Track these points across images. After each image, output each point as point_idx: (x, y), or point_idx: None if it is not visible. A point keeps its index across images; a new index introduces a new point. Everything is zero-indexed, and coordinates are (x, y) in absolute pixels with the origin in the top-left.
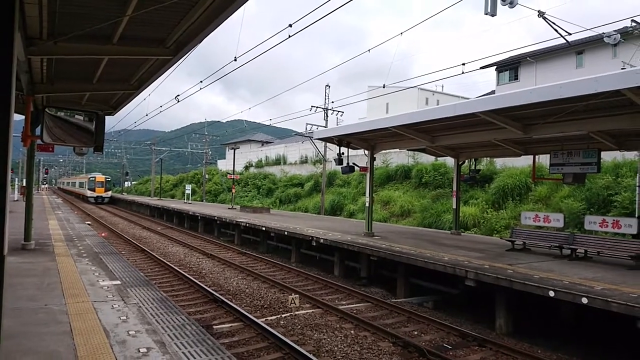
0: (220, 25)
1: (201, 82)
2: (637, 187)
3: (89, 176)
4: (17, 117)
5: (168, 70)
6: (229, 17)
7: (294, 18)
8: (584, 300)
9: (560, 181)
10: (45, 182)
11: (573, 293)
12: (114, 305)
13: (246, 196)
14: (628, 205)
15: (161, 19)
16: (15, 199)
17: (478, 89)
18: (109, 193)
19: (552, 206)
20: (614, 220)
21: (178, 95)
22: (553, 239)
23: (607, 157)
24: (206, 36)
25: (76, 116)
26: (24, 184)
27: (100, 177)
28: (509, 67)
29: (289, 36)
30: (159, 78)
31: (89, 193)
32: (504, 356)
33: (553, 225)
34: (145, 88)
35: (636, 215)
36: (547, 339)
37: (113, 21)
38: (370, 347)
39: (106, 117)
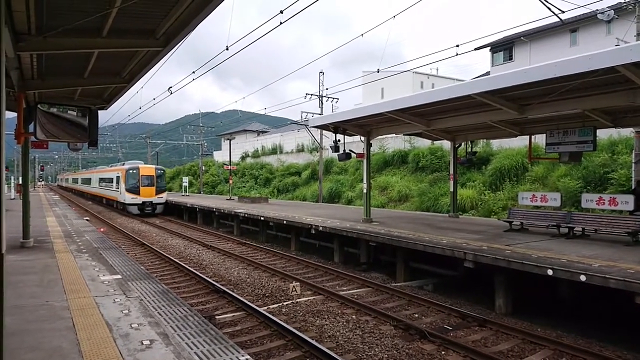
0: (210, 15)
1: (194, 72)
2: (633, 164)
3: (127, 167)
4: (10, 115)
5: (159, 62)
6: (217, 5)
7: (282, 3)
8: (583, 278)
9: (557, 160)
10: (41, 179)
11: (571, 271)
12: (115, 300)
13: (244, 187)
14: (624, 182)
15: (150, 10)
16: (12, 197)
17: (473, 70)
18: (164, 196)
19: (549, 186)
20: (610, 197)
21: (171, 87)
22: (550, 218)
23: (603, 134)
24: (196, 26)
25: (69, 111)
26: (20, 182)
27: (147, 168)
28: (503, 48)
29: (280, 23)
30: (151, 70)
31: (127, 197)
32: (504, 335)
33: (550, 205)
34: (137, 81)
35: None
36: (547, 318)
37: (101, 14)
38: (372, 331)
39: (99, 111)
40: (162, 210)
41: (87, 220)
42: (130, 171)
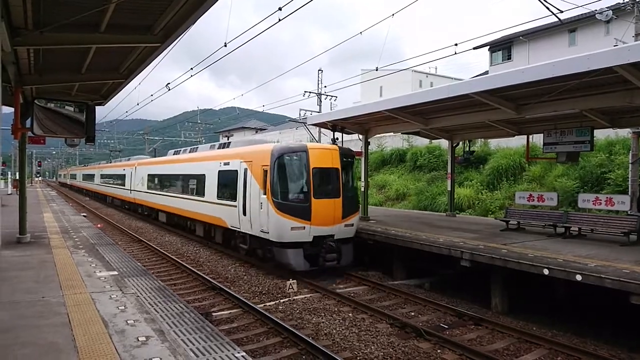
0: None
1: (192, 69)
2: (630, 165)
3: (274, 148)
4: (7, 110)
5: (157, 58)
6: (215, 2)
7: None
8: (578, 277)
9: (554, 160)
10: (39, 175)
11: (567, 270)
12: (111, 296)
13: None
14: (621, 183)
15: (148, 5)
16: (9, 192)
17: (471, 69)
18: (356, 220)
19: (546, 185)
20: (607, 197)
21: (169, 84)
22: (547, 218)
23: (600, 135)
24: (194, 22)
25: (66, 107)
26: (17, 177)
27: (323, 150)
28: (502, 47)
29: (279, 20)
30: (149, 66)
31: (277, 223)
32: (499, 334)
33: (547, 204)
34: (135, 77)
35: (629, 192)
36: (542, 317)
37: (99, 9)
38: (368, 329)
39: (97, 107)
40: (352, 259)
41: (84, 216)
42: (287, 158)
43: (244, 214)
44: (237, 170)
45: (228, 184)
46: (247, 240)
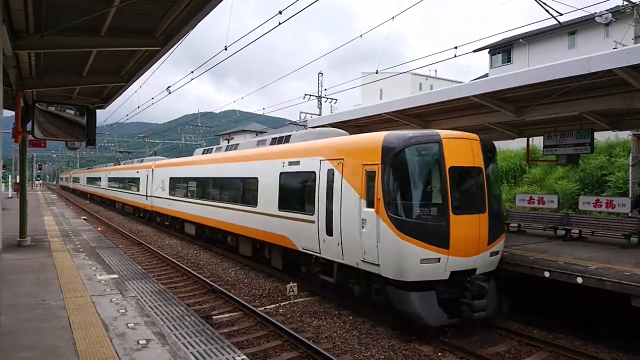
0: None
1: (192, 72)
2: (630, 167)
3: (384, 136)
4: (8, 113)
5: (158, 61)
6: (216, 5)
7: (279, 3)
8: (579, 280)
9: (555, 163)
10: (39, 178)
11: (568, 273)
12: (112, 299)
13: None
14: (622, 185)
15: (148, 9)
16: (9, 196)
17: (471, 72)
18: (501, 246)
19: (547, 188)
20: (607, 200)
21: (169, 87)
22: (547, 220)
23: (601, 137)
24: (194, 26)
25: (67, 110)
26: (18, 181)
27: (458, 138)
28: (502, 50)
29: (279, 23)
30: (150, 69)
31: (398, 252)
32: (500, 337)
33: (547, 207)
34: (136, 80)
35: (629, 195)
36: (543, 319)
37: (100, 12)
38: (368, 332)
39: (98, 110)
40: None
41: (84, 219)
42: (409, 152)
43: (329, 233)
44: (314, 172)
45: (298, 191)
46: (334, 270)
